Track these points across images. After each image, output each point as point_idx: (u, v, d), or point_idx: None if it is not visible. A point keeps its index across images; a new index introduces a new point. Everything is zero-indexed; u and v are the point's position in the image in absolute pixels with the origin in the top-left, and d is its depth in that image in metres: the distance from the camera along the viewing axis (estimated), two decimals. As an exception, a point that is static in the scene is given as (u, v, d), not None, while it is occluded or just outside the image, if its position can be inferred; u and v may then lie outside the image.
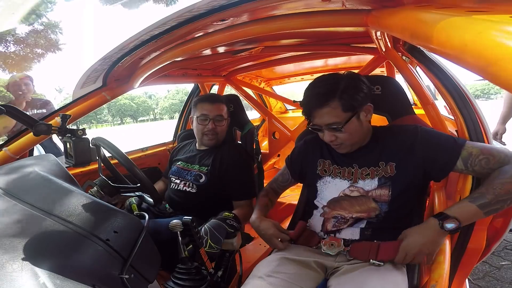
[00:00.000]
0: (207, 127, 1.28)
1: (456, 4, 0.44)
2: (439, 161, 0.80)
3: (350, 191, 0.89)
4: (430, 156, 0.80)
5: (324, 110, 0.82)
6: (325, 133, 0.86)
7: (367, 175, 0.87)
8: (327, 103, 0.81)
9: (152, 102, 65.21)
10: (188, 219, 0.90)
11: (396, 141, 0.87)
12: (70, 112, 1.18)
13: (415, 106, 2.04)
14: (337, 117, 0.81)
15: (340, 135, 0.84)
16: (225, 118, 1.33)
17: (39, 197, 0.73)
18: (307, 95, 0.87)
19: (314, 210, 0.96)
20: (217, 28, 0.83)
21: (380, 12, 0.63)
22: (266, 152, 2.17)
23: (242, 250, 1.27)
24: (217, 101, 1.32)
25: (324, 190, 0.94)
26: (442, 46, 0.34)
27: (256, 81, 2.58)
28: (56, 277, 0.50)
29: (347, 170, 0.91)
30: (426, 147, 0.81)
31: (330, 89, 0.82)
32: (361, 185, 0.88)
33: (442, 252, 0.80)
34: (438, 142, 0.80)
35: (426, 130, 0.84)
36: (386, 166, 0.86)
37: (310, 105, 0.85)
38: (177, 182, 1.31)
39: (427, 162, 0.81)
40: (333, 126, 0.83)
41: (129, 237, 0.67)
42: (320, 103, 0.82)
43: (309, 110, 0.86)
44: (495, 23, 0.29)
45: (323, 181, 0.95)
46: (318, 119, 0.84)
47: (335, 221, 0.89)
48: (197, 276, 0.87)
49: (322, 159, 0.97)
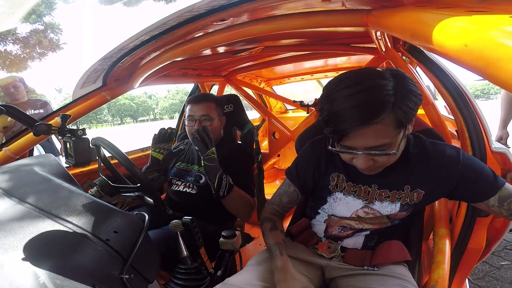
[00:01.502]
0: (194, 128, 1.26)
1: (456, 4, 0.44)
2: (473, 193, 0.69)
3: (365, 212, 0.78)
4: (465, 188, 0.69)
5: (372, 129, 0.58)
6: (360, 157, 0.64)
7: (387, 197, 0.75)
8: (377, 119, 0.57)
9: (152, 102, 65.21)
10: (188, 219, 0.90)
11: (431, 167, 0.71)
12: (70, 112, 1.18)
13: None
14: (387, 136, 0.60)
15: (380, 159, 0.64)
16: (214, 117, 1.27)
17: (39, 197, 0.73)
18: (339, 103, 0.58)
19: (317, 215, 0.89)
20: (217, 28, 0.83)
21: (380, 12, 0.63)
22: (266, 152, 2.17)
23: (242, 250, 1.27)
24: (202, 101, 1.27)
25: (334, 208, 0.82)
26: (442, 46, 0.34)
27: (256, 81, 2.58)
28: (56, 277, 0.50)
29: (363, 189, 0.76)
30: (465, 180, 0.68)
31: (380, 96, 0.57)
32: (378, 207, 0.76)
33: (442, 252, 0.81)
34: (479, 177, 0.68)
35: (469, 161, 0.69)
36: (413, 193, 0.73)
37: (346, 121, 0.58)
38: (177, 184, 1.31)
39: (458, 191, 0.71)
40: (381, 149, 0.62)
41: (129, 237, 0.67)
42: (365, 120, 0.57)
43: (344, 128, 0.59)
44: (495, 23, 0.29)
45: (334, 197, 0.81)
46: (357, 139, 0.60)
47: (341, 229, 0.84)
48: (197, 276, 0.87)
49: (337, 172, 0.79)
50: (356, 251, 0.83)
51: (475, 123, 0.86)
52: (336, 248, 0.85)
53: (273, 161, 2.66)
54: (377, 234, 0.83)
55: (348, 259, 0.83)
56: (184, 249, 0.89)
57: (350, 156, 0.66)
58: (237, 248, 1.02)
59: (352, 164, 0.68)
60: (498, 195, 0.67)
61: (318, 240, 0.89)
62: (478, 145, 0.85)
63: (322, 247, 0.86)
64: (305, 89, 3.87)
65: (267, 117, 2.13)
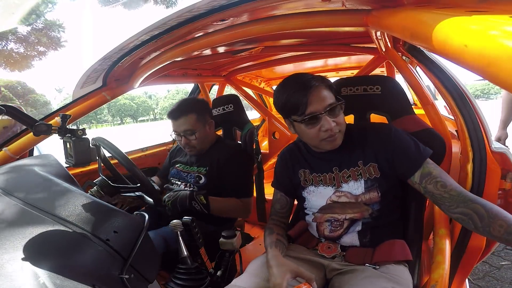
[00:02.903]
0: (181, 142, 1.27)
1: (456, 4, 0.44)
2: (404, 165, 0.79)
3: (337, 196, 0.86)
4: (398, 159, 0.80)
5: (320, 91, 0.78)
6: (323, 120, 0.78)
7: (349, 177, 0.85)
8: (319, 85, 0.78)
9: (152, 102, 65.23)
10: (188, 219, 0.90)
11: (372, 141, 0.84)
12: (70, 112, 1.18)
13: (415, 106, 2.04)
14: (332, 97, 0.80)
15: (338, 120, 0.80)
16: (197, 129, 1.24)
17: (39, 197, 0.73)
18: (291, 87, 0.80)
19: (306, 216, 0.94)
20: (217, 28, 0.83)
21: (380, 12, 0.63)
22: (266, 152, 2.17)
23: (242, 250, 1.27)
24: (181, 115, 1.23)
25: (311, 200, 0.91)
26: (442, 46, 0.34)
27: (256, 81, 2.58)
28: (56, 277, 0.50)
29: (328, 176, 0.88)
30: (397, 149, 0.81)
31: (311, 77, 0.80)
32: (347, 189, 0.85)
33: (442, 252, 0.81)
34: (407, 146, 0.80)
35: (398, 132, 0.83)
36: (368, 167, 0.84)
37: (300, 92, 0.78)
38: (177, 184, 1.31)
39: (396, 163, 0.81)
40: (333, 105, 0.79)
41: (129, 237, 0.67)
42: (312, 87, 0.77)
43: (301, 98, 0.77)
44: (495, 23, 0.29)
45: (307, 191, 0.92)
46: (316, 103, 0.77)
47: (330, 225, 0.87)
48: (197, 276, 0.87)
49: (302, 169, 0.93)
50: (357, 249, 0.84)
51: (475, 123, 0.86)
52: (336, 248, 0.85)
53: (273, 161, 2.65)
54: (369, 229, 0.84)
55: (350, 258, 0.83)
56: (184, 249, 0.89)
57: (315, 127, 0.80)
58: (237, 248, 1.02)
59: (320, 139, 0.81)
60: (421, 171, 0.76)
61: (317, 242, 0.90)
62: (478, 145, 0.85)
63: (322, 248, 0.87)
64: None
65: (267, 117, 2.13)
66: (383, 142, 0.82)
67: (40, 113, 25.75)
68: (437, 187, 0.73)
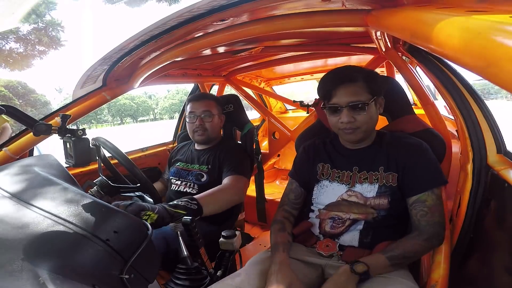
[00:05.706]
0: (195, 124, 1.30)
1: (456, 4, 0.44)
2: (412, 183, 0.83)
3: (348, 195, 0.88)
4: (411, 173, 0.83)
5: (349, 88, 0.81)
6: (343, 113, 0.82)
7: (365, 179, 0.87)
8: (353, 82, 0.82)
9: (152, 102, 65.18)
10: (188, 219, 0.90)
11: (400, 151, 0.86)
12: (70, 112, 1.18)
13: (415, 106, 2.04)
14: (362, 96, 0.81)
15: (359, 117, 0.82)
16: (215, 114, 1.33)
17: (39, 197, 0.73)
18: (327, 77, 0.86)
19: (310, 213, 0.95)
20: (217, 28, 0.83)
21: (380, 12, 0.63)
22: (266, 152, 2.17)
23: (242, 250, 1.27)
24: (203, 98, 1.34)
25: (321, 195, 0.93)
26: (442, 46, 0.34)
27: (256, 81, 2.58)
28: (56, 277, 0.50)
29: (346, 174, 0.90)
30: (418, 164, 0.83)
31: (355, 70, 0.84)
32: (359, 189, 0.87)
33: (442, 252, 0.80)
34: (426, 167, 0.82)
35: (429, 151, 0.85)
36: (388, 175, 0.85)
37: (331, 83, 0.84)
38: (177, 183, 1.31)
39: (406, 175, 0.84)
40: (356, 103, 0.81)
41: (129, 237, 0.67)
42: (344, 81, 0.82)
43: (329, 89, 0.84)
44: (495, 23, 0.29)
45: (320, 185, 0.93)
46: (339, 97, 0.82)
47: (332, 222, 0.88)
48: (197, 276, 0.87)
49: (322, 163, 0.96)
50: (354, 249, 0.84)
51: (475, 123, 0.86)
52: (334, 246, 0.85)
53: (273, 161, 2.66)
54: (371, 229, 0.84)
55: (346, 258, 0.83)
56: (184, 249, 0.89)
57: (334, 117, 0.85)
58: (237, 248, 1.02)
59: (338, 128, 0.86)
60: (419, 196, 0.80)
61: (316, 240, 0.90)
62: (478, 145, 0.85)
63: (320, 246, 0.87)
64: (305, 89, 3.87)
65: (267, 117, 2.13)
66: (410, 155, 0.84)
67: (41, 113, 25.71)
68: (417, 215, 0.80)
